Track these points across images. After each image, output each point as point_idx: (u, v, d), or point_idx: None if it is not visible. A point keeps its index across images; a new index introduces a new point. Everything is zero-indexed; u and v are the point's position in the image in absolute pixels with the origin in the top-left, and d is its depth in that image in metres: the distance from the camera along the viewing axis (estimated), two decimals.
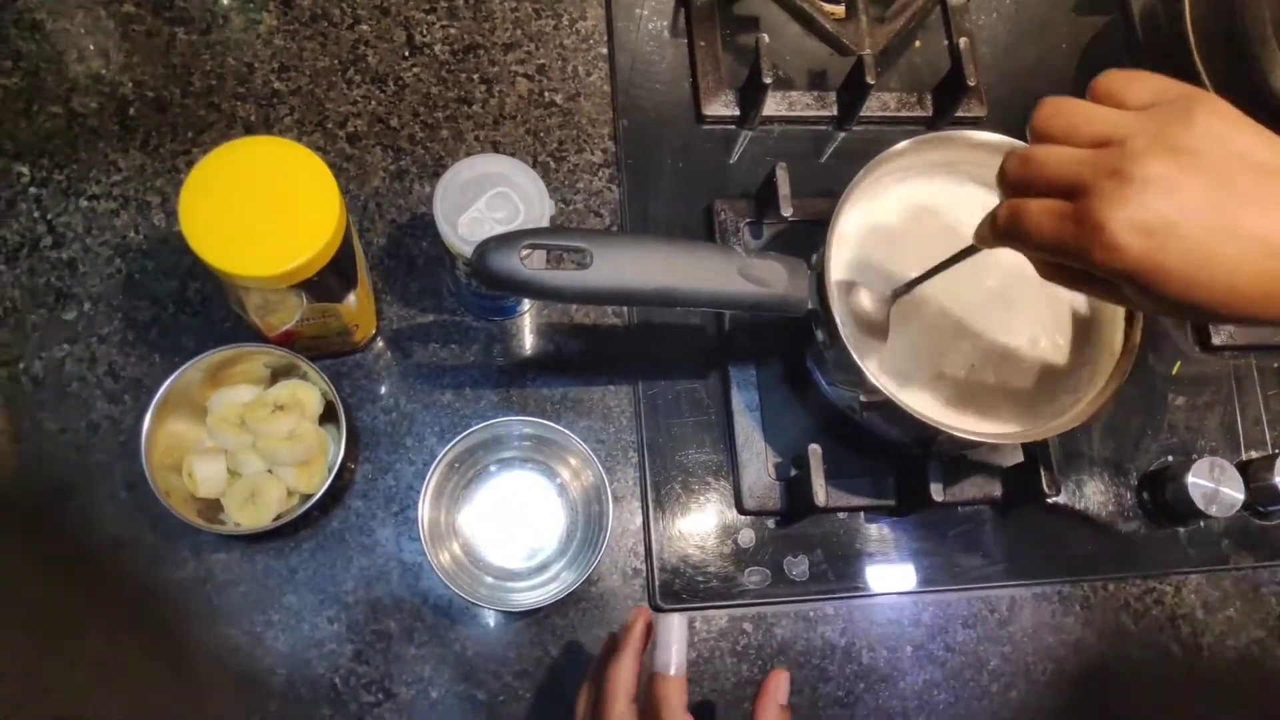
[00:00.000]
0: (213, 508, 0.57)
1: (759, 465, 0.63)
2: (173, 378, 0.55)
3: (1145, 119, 0.40)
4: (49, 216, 0.62)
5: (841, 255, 0.58)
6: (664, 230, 0.68)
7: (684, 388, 0.65)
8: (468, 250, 0.52)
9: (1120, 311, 0.59)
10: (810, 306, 0.54)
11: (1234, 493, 0.64)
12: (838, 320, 0.52)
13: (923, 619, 0.64)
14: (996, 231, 0.45)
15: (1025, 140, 0.60)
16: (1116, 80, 0.43)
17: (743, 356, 0.65)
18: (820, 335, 0.55)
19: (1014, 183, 0.43)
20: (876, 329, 0.55)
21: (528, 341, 0.66)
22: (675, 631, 0.48)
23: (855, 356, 0.52)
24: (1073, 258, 0.41)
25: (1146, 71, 0.43)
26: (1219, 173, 0.38)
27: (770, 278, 0.53)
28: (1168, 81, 0.42)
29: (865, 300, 0.55)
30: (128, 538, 0.58)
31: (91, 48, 0.66)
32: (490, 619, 0.60)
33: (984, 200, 0.62)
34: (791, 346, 0.64)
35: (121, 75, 0.66)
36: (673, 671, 0.47)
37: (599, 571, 0.62)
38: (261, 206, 0.49)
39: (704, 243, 0.53)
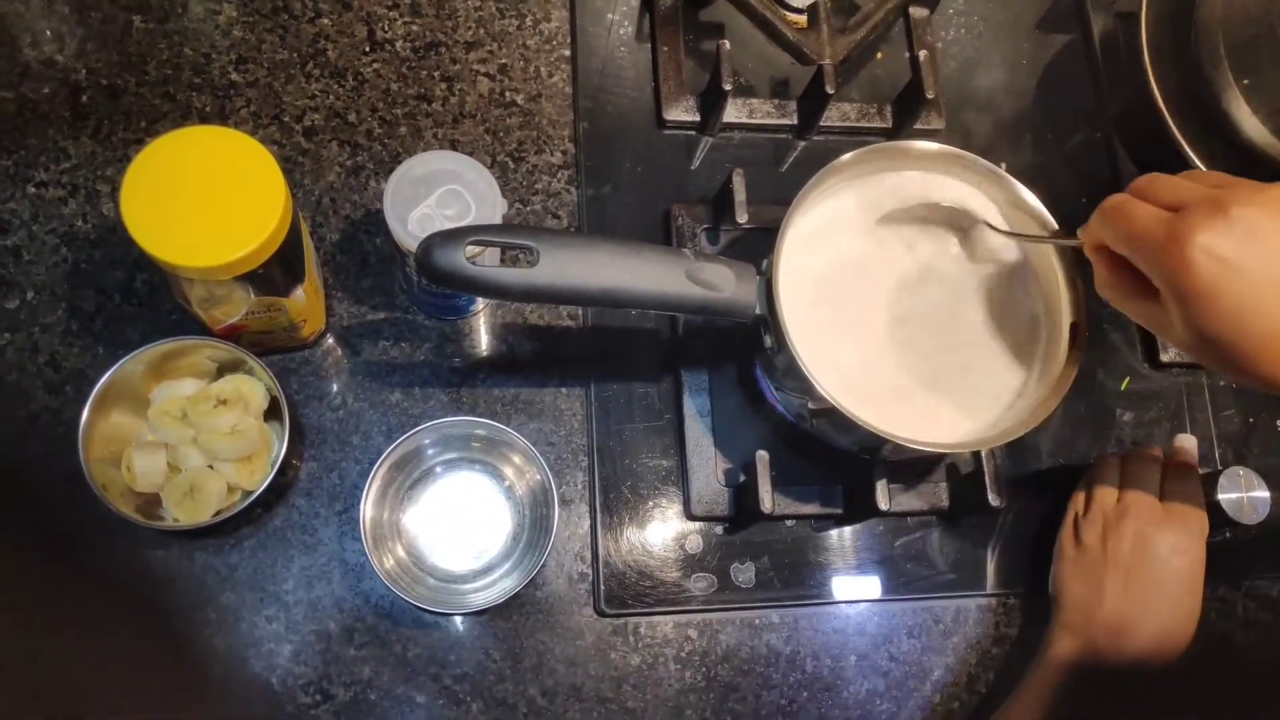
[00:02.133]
0: (152, 503, 0.56)
1: (709, 471, 0.63)
2: (114, 369, 0.54)
3: (1255, 184, 0.45)
4: None
5: (791, 262, 0.57)
6: (621, 234, 0.68)
7: (636, 391, 0.65)
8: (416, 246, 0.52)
9: (1066, 323, 0.59)
10: (758, 311, 0.54)
11: None
12: (784, 326, 0.52)
13: (868, 628, 0.64)
14: (1101, 211, 0.48)
15: (971, 150, 0.61)
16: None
17: (696, 362, 0.65)
18: (768, 341, 0.55)
19: (1135, 187, 0.48)
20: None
21: (480, 342, 0.65)
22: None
23: (802, 363, 0.52)
24: (1145, 257, 0.45)
25: None
26: None
27: (718, 281, 0.53)
28: None
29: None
30: (64, 531, 0.57)
31: (46, 32, 0.65)
32: (432, 621, 0.59)
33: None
34: (743, 353, 0.64)
35: (75, 61, 0.65)
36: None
37: (544, 575, 0.61)
38: (205, 197, 0.48)
39: (653, 245, 0.53)
